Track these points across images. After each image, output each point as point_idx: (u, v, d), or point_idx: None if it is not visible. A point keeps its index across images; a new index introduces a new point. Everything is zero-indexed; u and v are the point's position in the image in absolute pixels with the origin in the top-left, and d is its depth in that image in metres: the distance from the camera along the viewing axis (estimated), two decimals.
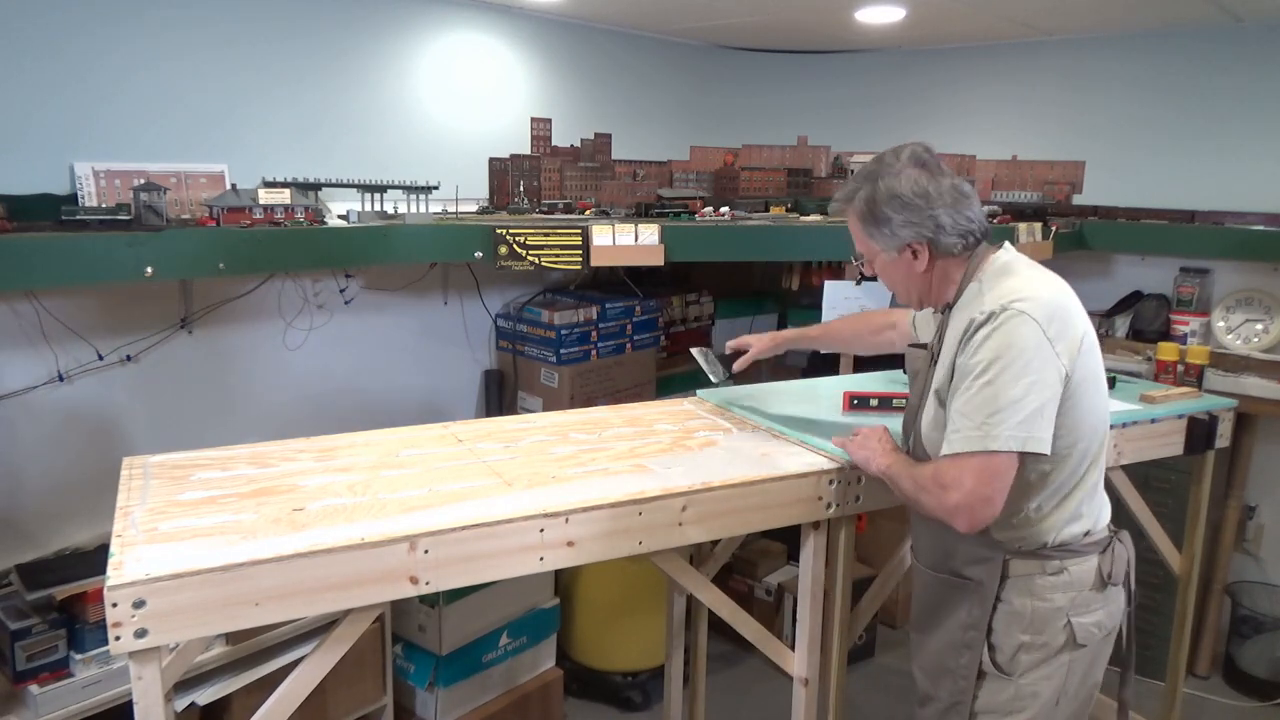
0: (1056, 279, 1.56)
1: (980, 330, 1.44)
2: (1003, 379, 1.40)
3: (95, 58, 2.38)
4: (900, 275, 1.62)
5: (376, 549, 1.41)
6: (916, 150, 1.56)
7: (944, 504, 1.45)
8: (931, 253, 1.56)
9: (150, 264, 2.16)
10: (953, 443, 1.44)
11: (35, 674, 2.01)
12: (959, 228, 1.54)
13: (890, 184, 1.53)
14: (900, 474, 1.58)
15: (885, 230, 1.56)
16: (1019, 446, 1.40)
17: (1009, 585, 1.55)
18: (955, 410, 1.46)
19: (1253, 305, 3.26)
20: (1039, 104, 3.75)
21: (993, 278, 1.53)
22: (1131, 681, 1.84)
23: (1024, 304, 1.44)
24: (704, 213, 3.23)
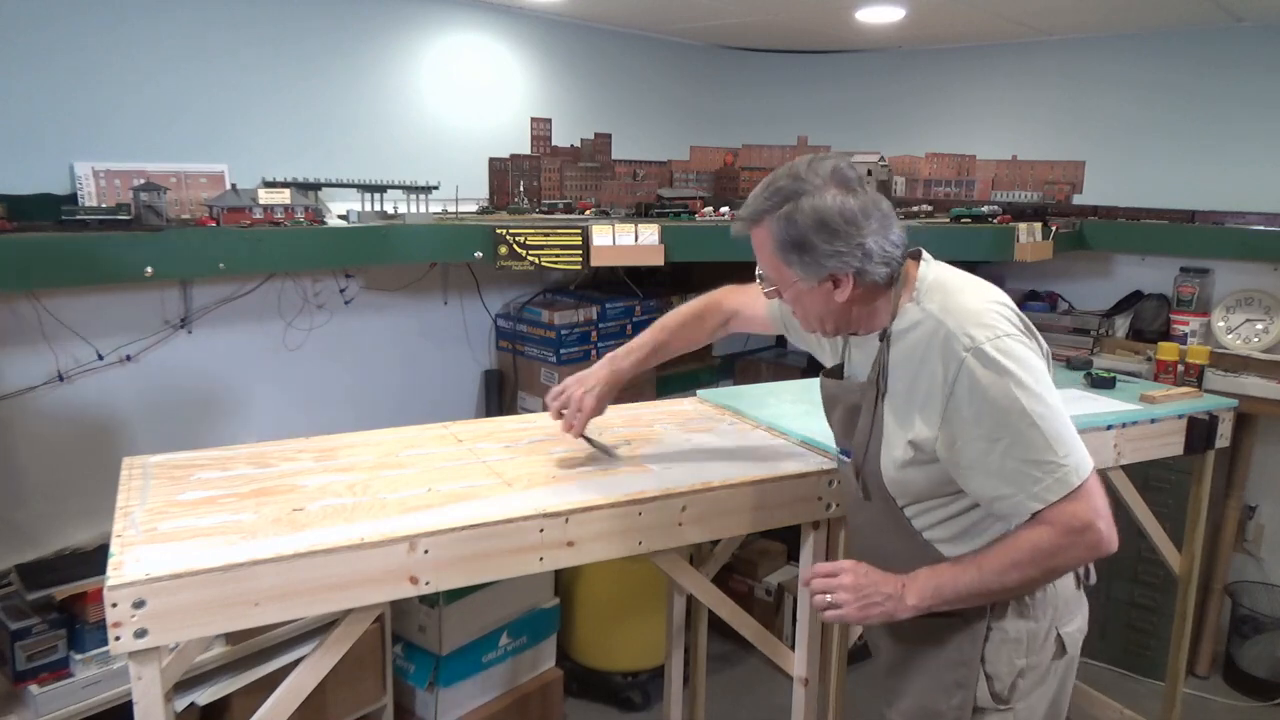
0: (983, 282, 1.45)
1: (977, 373, 1.29)
2: (1040, 410, 1.28)
3: (96, 58, 2.38)
4: (816, 306, 1.44)
5: (376, 549, 1.41)
6: (838, 166, 1.37)
7: (1093, 543, 1.30)
8: (856, 283, 1.39)
9: (150, 264, 2.16)
10: (1041, 495, 1.29)
11: (35, 674, 2.01)
12: (885, 255, 1.38)
13: (815, 205, 1.34)
14: (958, 580, 1.37)
15: (806, 259, 1.37)
16: (1092, 463, 1.32)
17: (999, 611, 1.45)
18: (1018, 462, 1.29)
19: (1253, 305, 3.26)
20: (1039, 104, 3.75)
21: (932, 296, 1.39)
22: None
23: (997, 323, 1.32)
24: (704, 213, 3.23)
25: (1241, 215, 3.22)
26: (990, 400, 1.29)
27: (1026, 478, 1.29)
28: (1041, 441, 1.28)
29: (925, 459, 1.38)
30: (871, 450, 1.46)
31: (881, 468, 1.45)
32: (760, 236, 1.41)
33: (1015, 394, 1.28)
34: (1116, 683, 3.26)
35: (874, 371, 1.45)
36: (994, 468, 1.31)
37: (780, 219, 1.36)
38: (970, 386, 1.30)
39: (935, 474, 1.40)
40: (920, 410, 1.37)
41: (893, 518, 1.49)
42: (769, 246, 1.40)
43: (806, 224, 1.34)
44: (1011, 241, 3.03)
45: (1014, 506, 1.31)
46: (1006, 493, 1.31)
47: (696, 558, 2.43)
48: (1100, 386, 2.54)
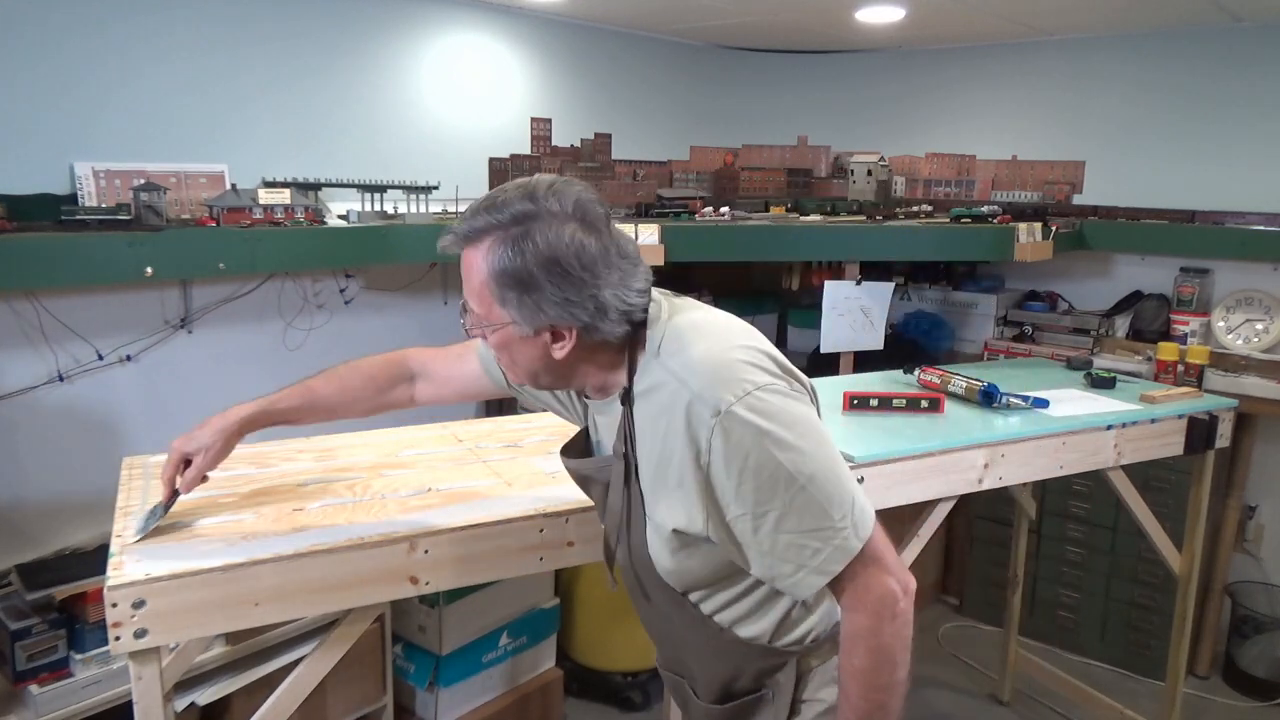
0: (736, 322, 1.23)
1: (729, 442, 1.09)
2: (808, 471, 1.10)
3: (96, 58, 2.38)
4: (527, 358, 1.19)
5: (376, 549, 1.41)
6: (584, 199, 1.13)
7: (895, 615, 1.14)
8: (579, 340, 1.15)
9: (150, 264, 2.17)
10: (822, 567, 1.12)
11: (35, 674, 2.01)
12: (624, 309, 1.14)
13: (549, 240, 1.09)
14: (857, 699, 1.16)
15: (526, 300, 1.11)
16: (873, 512, 1.17)
17: (811, 682, 1.30)
18: (792, 534, 1.11)
19: (1253, 305, 3.26)
20: (1039, 104, 3.75)
21: (669, 349, 1.16)
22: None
23: (745, 375, 1.11)
24: (704, 213, 3.23)
25: (1241, 215, 3.22)
26: (749, 469, 1.09)
27: (804, 550, 1.11)
28: (815, 507, 1.10)
29: (696, 544, 1.19)
30: (634, 539, 1.25)
31: (652, 556, 1.23)
32: (472, 260, 1.14)
33: (777, 458, 1.09)
34: (1116, 683, 3.26)
35: (620, 443, 1.23)
36: (767, 545, 1.12)
37: (504, 244, 1.10)
38: (726, 457, 1.09)
39: (712, 558, 1.20)
40: (679, 491, 1.15)
41: (676, 606, 1.28)
42: (481, 274, 1.13)
43: (535, 258, 1.09)
44: (1011, 241, 3.03)
45: (796, 585, 1.14)
46: (785, 570, 1.13)
47: None
48: (1100, 386, 2.54)
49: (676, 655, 1.40)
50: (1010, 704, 3.16)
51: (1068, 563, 3.44)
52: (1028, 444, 2.10)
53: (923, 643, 3.57)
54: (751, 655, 1.28)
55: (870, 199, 3.77)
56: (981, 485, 2.05)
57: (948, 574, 3.90)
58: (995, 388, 2.25)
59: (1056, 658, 3.37)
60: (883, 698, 1.15)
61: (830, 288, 3.17)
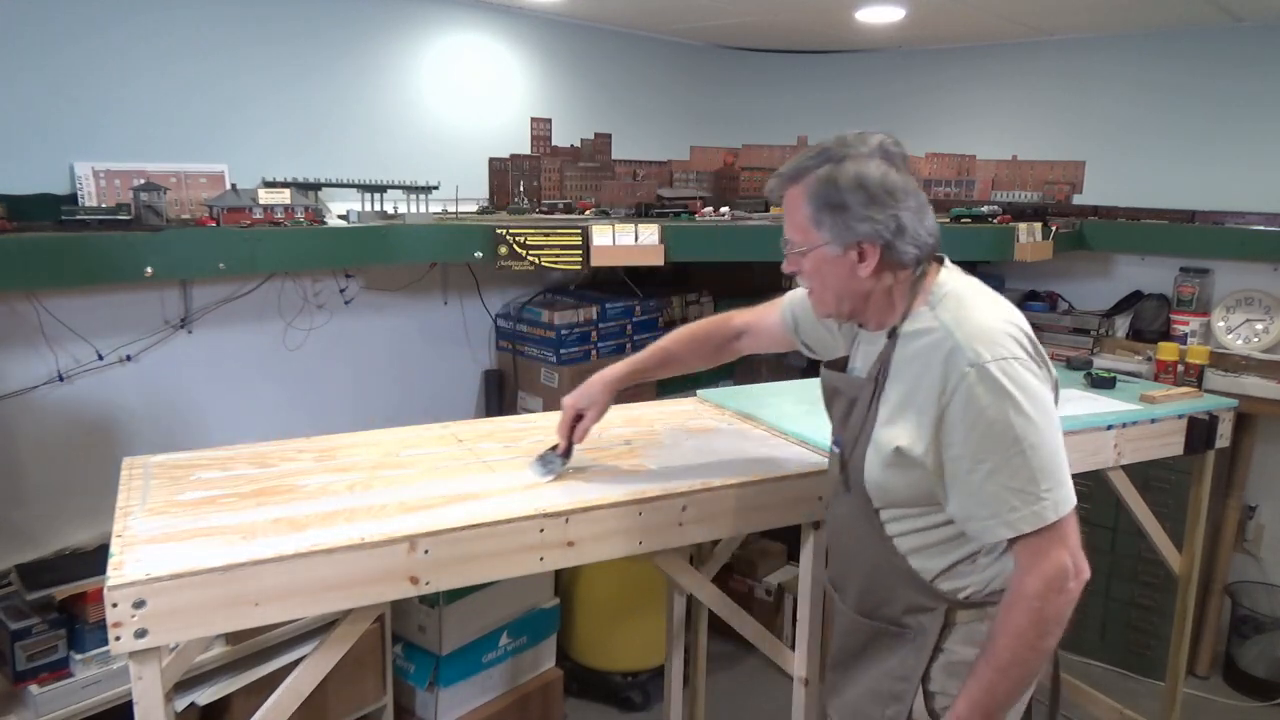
0: (1002, 299, 1.41)
1: (976, 391, 1.27)
2: (1033, 440, 1.26)
3: (96, 58, 2.38)
4: (837, 279, 1.40)
5: (376, 549, 1.41)
6: (885, 142, 1.38)
7: (1063, 590, 1.28)
8: (882, 259, 1.37)
9: (150, 264, 2.17)
10: (1015, 523, 1.27)
11: (35, 674, 2.01)
12: (918, 238, 1.37)
13: (858, 169, 1.34)
14: (993, 679, 1.32)
15: (839, 219, 1.35)
16: (1074, 501, 1.30)
17: (952, 634, 1.42)
18: (999, 486, 1.27)
19: (1253, 305, 3.26)
20: (1039, 104, 3.75)
21: (947, 305, 1.36)
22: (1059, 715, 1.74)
23: (1007, 344, 1.29)
24: (704, 213, 3.23)
25: (1241, 215, 3.22)
26: (984, 420, 1.26)
27: (1003, 504, 1.27)
28: (1027, 471, 1.26)
29: (909, 466, 1.36)
30: (859, 447, 1.44)
31: (865, 466, 1.42)
32: (795, 195, 1.40)
33: (1011, 418, 1.25)
34: (1116, 683, 3.26)
35: (875, 368, 1.42)
36: (974, 487, 1.29)
37: (820, 177, 1.36)
38: (966, 402, 1.27)
39: (916, 482, 1.37)
40: (914, 417, 1.34)
41: (866, 517, 1.46)
42: (801, 205, 1.39)
43: (846, 184, 1.34)
44: (1011, 241, 3.03)
45: (984, 530, 1.30)
46: (980, 514, 1.29)
47: (696, 558, 2.43)
48: (1100, 386, 2.54)
49: (844, 561, 1.55)
50: None
51: None
52: None
53: None
54: (910, 586, 1.42)
55: None
56: None
57: None
58: None
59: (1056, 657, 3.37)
60: (1026, 655, 1.30)
61: None
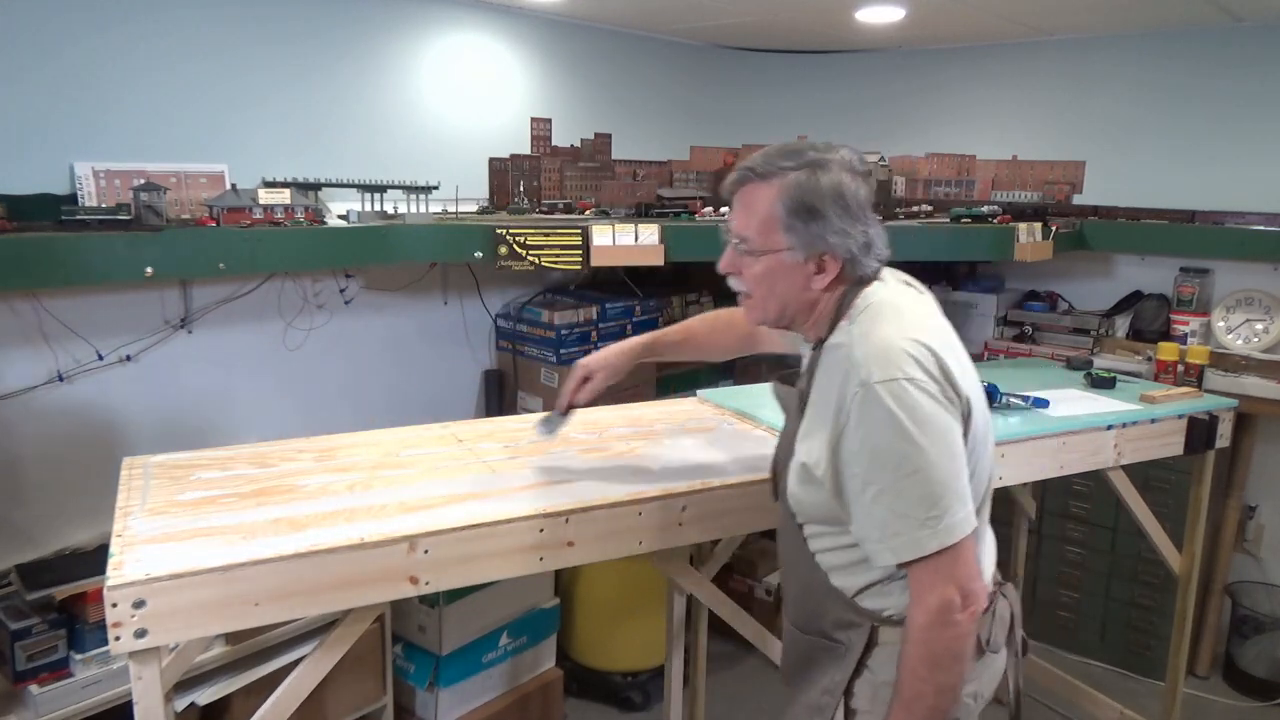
0: (930, 314, 1.38)
1: (863, 413, 1.24)
2: (919, 464, 1.21)
3: (96, 58, 2.37)
4: (788, 286, 1.37)
5: (376, 549, 1.41)
6: (851, 158, 1.37)
7: (948, 624, 1.25)
8: (842, 273, 1.35)
9: (150, 264, 2.17)
10: (898, 550, 1.25)
11: (35, 674, 2.01)
12: (880, 254, 1.37)
13: (836, 179, 1.32)
14: (901, 716, 1.29)
15: (813, 228, 1.32)
16: (969, 528, 1.25)
17: (877, 654, 1.38)
18: (885, 510, 1.24)
19: (1253, 305, 3.26)
20: (1039, 104, 3.75)
21: (862, 319, 1.33)
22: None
23: (902, 364, 1.24)
24: (704, 213, 3.23)
25: (1241, 215, 3.22)
26: (871, 441, 1.24)
27: (888, 528, 1.25)
28: (911, 497, 1.22)
29: (813, 483, 1.35)
30: (784, 458, 1.44)
31: (788, 479, 1.42)
32: (761, 193, 1.34)
33: (895, 444, 1.22)
34: (1116, 683, 3.26)
35: (804, 381, 1.42)
36: (865, 509, 1.27)
37: (798, 181, 1.32)
38: (857, 422, 1.25)
39: (822, 501, 1.35)
40: (819, 434, 1.33)
41: (793, 531, 1.45)
42: (768, 205, 1.33)
43: (826, 193, 1.31)
44: (1011, 241, 3.03)
45: (875, 553, 1.29)
46: (872, 536, 1.28)
47: (696, 558, 2.43)
48: (1100, 386, 2.54)
49: (784, 579, 1.55)
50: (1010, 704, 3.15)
51: (1068, 563, 3.44)
52: (1028, 444, 2.10)
53: None
54: (836, 602, 1.40)
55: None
56: None
57: None
58: (995, 388, 2.25)
59: (1056, 658, 3.37)
60: (925, 690, 1.27)
61: None
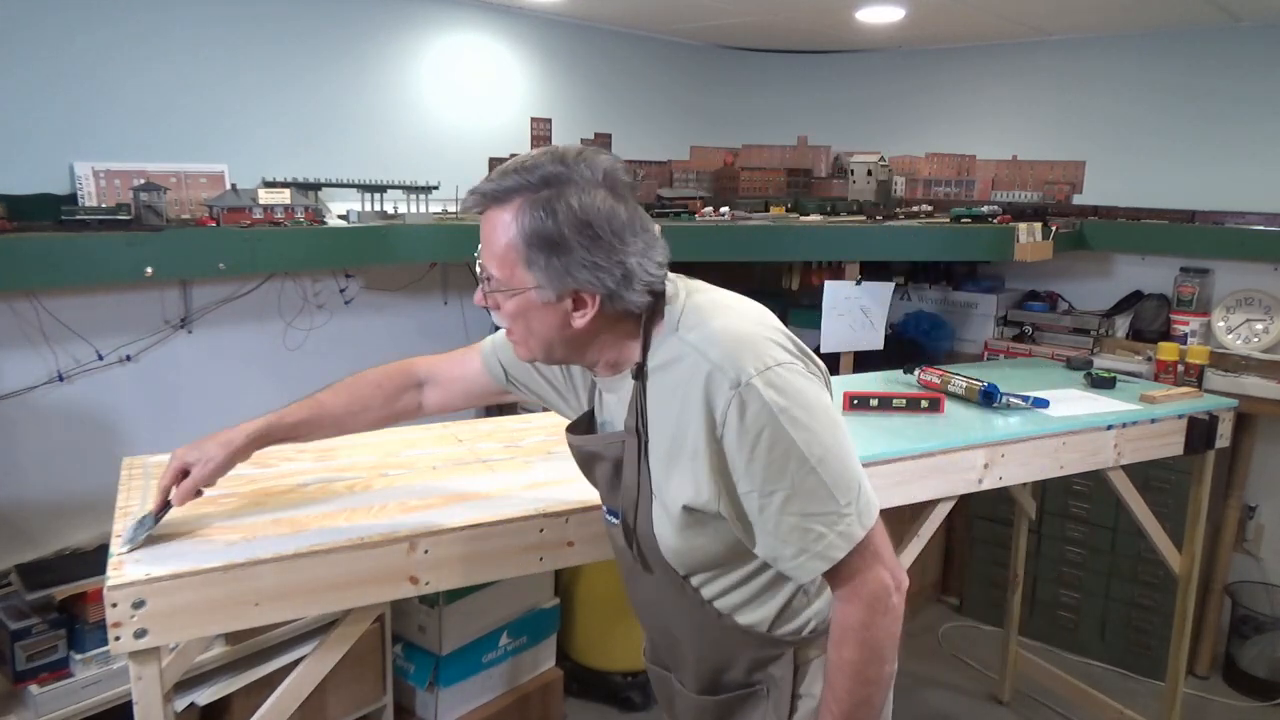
0: (753, 303, 1.23)
1: (744, 416, 1.08)
2: (818, 452, 1.10)
3: (95, 58, 2.38)
4: (546, 326, 1.16)
5: (376, 549, 1.41)
6: (614, 167, 1.13)
7: (888, 610, 1.15)
8: (601, 310, 1.14)
9: (150, 264, 2.17)
10: (824, 553, 1.12)
11: (35, 674, 2.01)
12: (647, 280, 1.14)
13: (583, 203, 1.09)
14: (843, 692, 1.18)
15: (555, 263, 1.10)
16: (878, 501, 1.17)
17: (806, 676, 1.28)
18: (797, 516, 1.11)
19: (1253, 305, 3.26)
20: (1039, 104, 3.75)
21: (689, 322, 1.17)
22: None
23: (769, 351, 1.12)
24: (704, 213, 3.23)
25: (1241, 215, 3.22)
26: (762, 445, 1.09)
27: (807, 535, 1.11)
28: (823, 490, 1.10)
29: (705, 521, 1.17)
30: (642, 513, 1.23)
31: (657, 535, 1.22)
32: (499, 221, 1.12)
33: (790, 435, 1.08)
34: (1116, 683, 3.26)
35: (632, 417, 1.21)
36: (772, 524, 1.12)
37: (536, 205, 1.09)
38: (740, 430, 1.09)
39: (721, 536, 1.19)
40: (690, 464, 1.14)
41: (676, 589, 1.27)
42: (508, 236, 1.11)
43: (568, 220, 1.08)
44: (1011, 241, 3.03)
45: (798, 569, 1.13)
46: (788, 553, 1.13)
47: None
48: (1100, 386, 2.54)
49: (668, 643, 1.38)
50: (1010, 704, 3.16)
51: (1068, 563, 3.44)
52: (1028, 444, 2.10)
53: (923, 643, 3.57)
54: (748, 643, 1.27)
55: (870, 199, 3.77)
56: (981, 485, 2.05)
57: (948, 574, 3.90)
58: (995, 388, 2.25)
59: (1056, 658, 3.37)
60: (868, 691, 1.17)
61: (830, 288, 3.17)
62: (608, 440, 1.27)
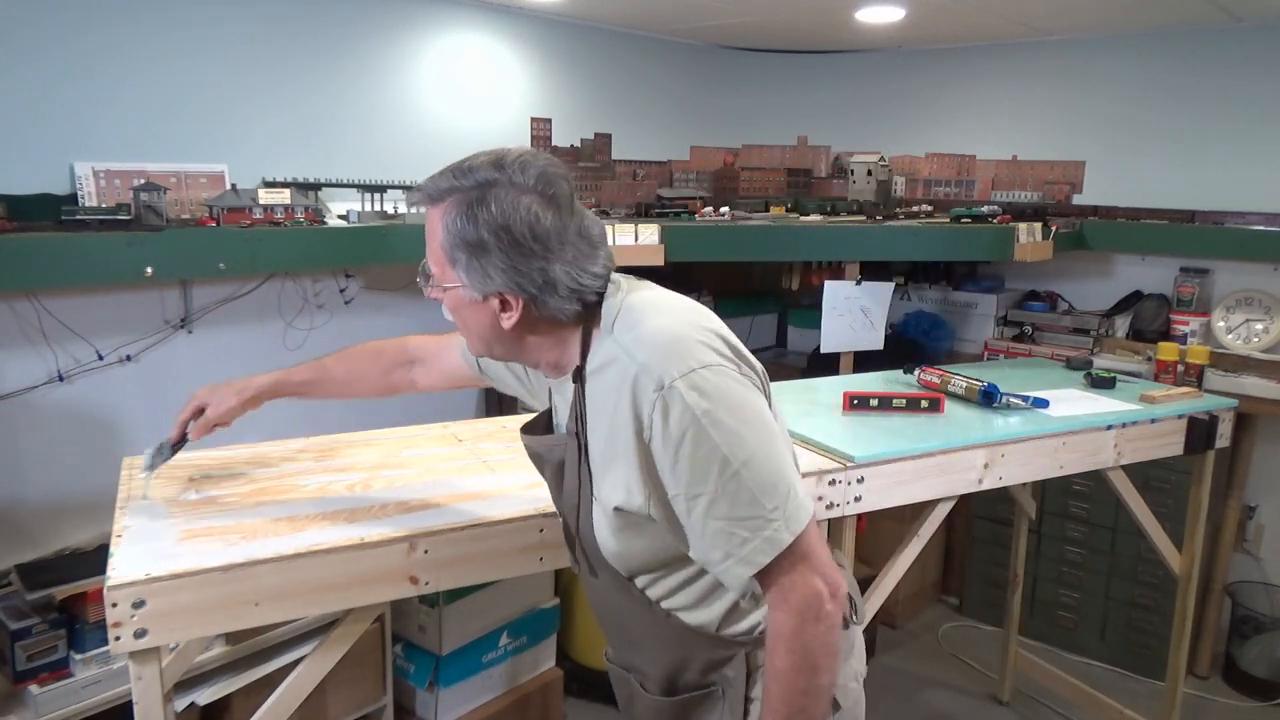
0: (691, 304, 1.22)
1: (668, 419, 1.08)
2: (742, 456, 1.08)
3: (96, 58, 2.38)
4: (479, 324, 1.21)
5: (376, 549, 1.41)
6: (551, 174, 1.14)
7: (820, 617, 1.11)
8: (528, 313, 1.16)
9: (150, 264, 2.17)
10: (749, 558, 1.10)
11: (35, 674, 2.01)
12: (576, 289, 1.15)
13: (505, 209, 1.11)
14: (777, 701, 1.14)
15: (475, 263, 1.13)
16: (811, 507, 1.15)
17: (759, 681, 1.25)
18: (722, 521, 1.09)
19: (1253, 305, 3.26)
20: (1039, 104, 3.75)
21: (623, 324, 1.16)
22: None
23: (696, 352, 1.11)
24: (704, 213, 3.23)
25: (1241, 215, 3.22)
26: (686, 448, 1.08)
27: (732, 539, 1.09)
28: (746, 494, 1.08)
29: (639, 524, 1.18)
30: (584, 516, 1.24)
31: (597, 537, 1.23)
32: (433, 220, 1.18)
33: (713, 439, 1.07)
34: (1116, 683, 3.26)
35: (572, 421, 1.23)
36: (699, 528, 1.11)
37: (462, 206, 1.13)
38: (664, 433, 1.09)
39: (656, 540, 1.19)
40: (622, 466, 1.15)
41: (622, 591, 1.28)
42: (438, 236, 1.17)
43: (487, 224, 1.12)
44: (1011, 241, 3.03)
45: (726, 573, 1.12)
46: (715, 557, 1.12)
47: None
48: (1100, 386, 2.54)
49: (624, 644, 1.39)
50: (1010, 704, 3.16)
51: (1068, 563, 3.44)
52: (1028, 444, 2.10)
53: (923, 643, 3.57)
54: (699, 644, 1.26)
55: (870, 199, 3.77)
56: (981, 485, 2.05)
57: (948, 574, 3.90)
58: (995, 388, 2.25)
59: (1056, 658, 3.37)
60: (803, 702, 1.13)
61: (830, 288, 3.17)
62: (550, 443, 1.30)
